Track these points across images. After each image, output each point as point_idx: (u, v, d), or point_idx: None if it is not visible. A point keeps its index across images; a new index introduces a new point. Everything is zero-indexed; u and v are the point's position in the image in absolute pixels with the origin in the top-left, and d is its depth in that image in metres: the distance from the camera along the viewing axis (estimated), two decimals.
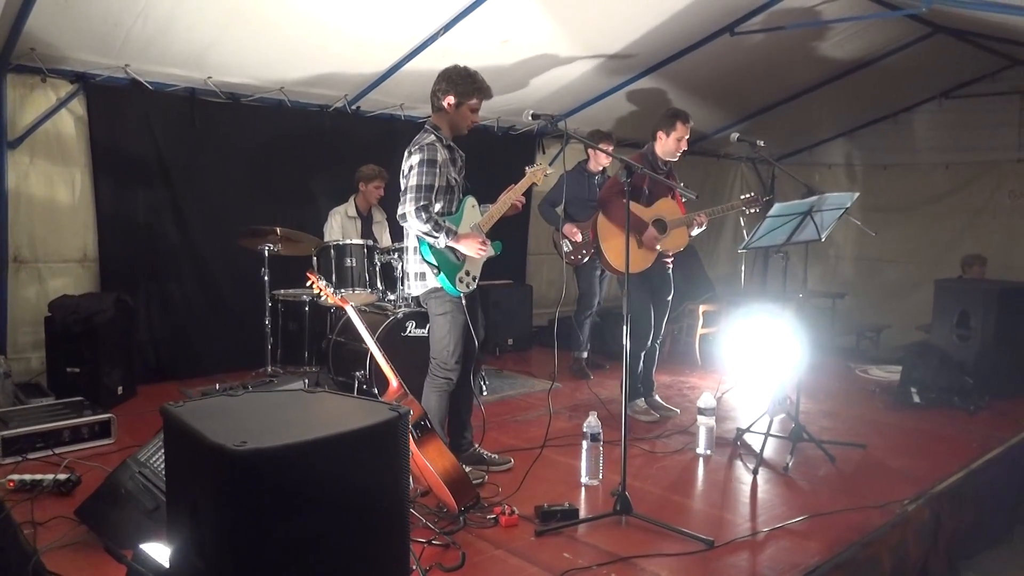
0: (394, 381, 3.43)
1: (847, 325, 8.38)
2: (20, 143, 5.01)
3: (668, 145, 4.89)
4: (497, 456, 4.08)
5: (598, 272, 6.20)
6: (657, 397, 5.26)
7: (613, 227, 4.80)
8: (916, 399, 5.51)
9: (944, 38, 6.66)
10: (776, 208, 3.99)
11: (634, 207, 4.69)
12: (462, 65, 3.80)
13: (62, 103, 5.13)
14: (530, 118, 3.65)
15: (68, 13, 4.49)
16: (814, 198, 4.09)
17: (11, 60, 4.79)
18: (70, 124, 5.22)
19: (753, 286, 9.73)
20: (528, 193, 4.16)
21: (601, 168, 6.20)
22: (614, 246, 4.80)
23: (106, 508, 3.05)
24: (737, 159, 9.62)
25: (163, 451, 2.98)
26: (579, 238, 6.05)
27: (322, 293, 3.65)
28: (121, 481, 3.05)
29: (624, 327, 3.49)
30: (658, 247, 4.84)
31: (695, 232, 4.96)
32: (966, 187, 8.45)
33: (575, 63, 6.19)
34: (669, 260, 5.05)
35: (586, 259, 6.11)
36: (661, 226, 4.87)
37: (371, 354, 4.57)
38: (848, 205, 4.31)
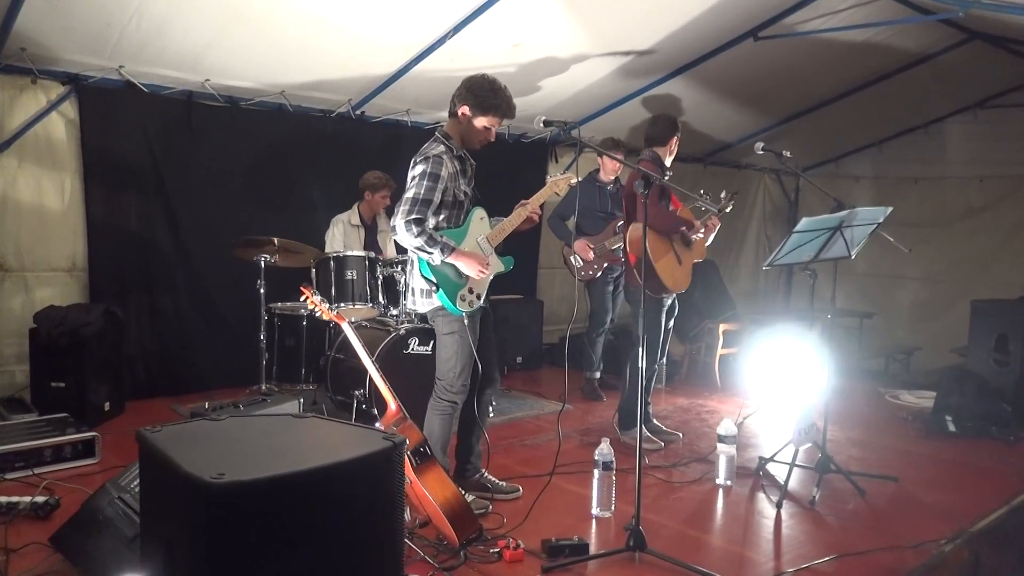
0: (392, 404, 3.30)
1: (875, 347, 8.10)
2: (8, 146, 4.85)
3: (672, 150, 4.75)
4: (505, 484, 3.91)
5: (610, 288, 6.02)
6: (655, 421, 5.08)
7: (662, 243, 4.56)
8: (951, 428, 5.29)
9: (980, 45, 6.40)
10: (804, 223, 3.83)
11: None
12: (491, 77, 3.60)
13: (53, 105, 4.97)
14: (542, 125, 3.48)
15: (59, 12, 4.33)
16: (844, 212, 3.93)
17: (0, 60, 4.63)
18: (61, 127, 5.05)
19: (776, 304, 9.44)
20: (541, 204, 3.94)
21: (613, 178, 5.99)
22: (666, 265, 4.54)
23: (83, 536, 2.94)
24: (760, 170, 9.36)
25: None
26: (591, 255, 5.83)
27: (317, 309, 3.46)
28: (99, 507, 2.93)
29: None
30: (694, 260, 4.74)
31: (710, 239, 4.86)
32: (1002, 202, 8.12)
33: (591, 67, 5.95)
34: None
35: (598, 274, 5.92)
36: (687, 239, 4.73)
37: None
38: (881, 220, 4.15)
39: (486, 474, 3.89)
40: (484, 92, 3.54)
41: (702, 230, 4.66)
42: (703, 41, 5.88)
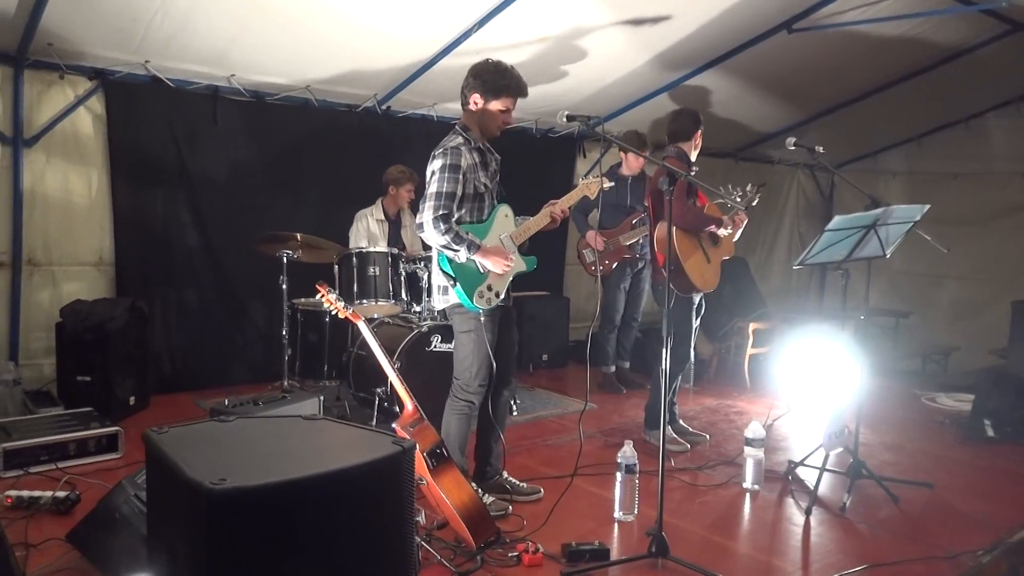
0: (409, 404, 3.24)
1: (912, 347, 7.89)
2: (36, 141, 4.89)
3: (696, 144, 4.65)
4: (526, 485, 3.84)
5: (626, 284, 5.99)
6: (682, 422, 4.99)
7: (690, 242, 4.48)
8: (990, 433, 5.11)
9: None
10: (836, 221, 3.70)
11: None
12: (495, 60, 3.52)
13: (80, 100, 5.01)
14: (565, 120, 3.38)
15: (83, 7, 4.35)
16: (879, 210, 3.78)
17: (28, 56, 4.69)
18: (88, 122, 5.09)
19: (809, 302, 9.25)
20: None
21: (637, 172, 5.92)
22: (695, 264, 4.46)
23: (99, 533, 2.92)
24: (793, 165, 9.18)
25: None
26: (602, 247, 5.79)
27: (332, 307, 3.39)
28: (115, 505, 2.91)
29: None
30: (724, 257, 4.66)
31: (738, 235, 4.75)
32: None
33: (622, 59, 5.85)
34: None
35: (614, 265, 5.90)
36: (715, 236, 4.61)
37: None
38: (917, 218, 3.99)
39: (506, 475, 3.83)
40: (491, 75, 3.46)
41: (729, 227, 4.54)
42: (736, 33, 5.74)
